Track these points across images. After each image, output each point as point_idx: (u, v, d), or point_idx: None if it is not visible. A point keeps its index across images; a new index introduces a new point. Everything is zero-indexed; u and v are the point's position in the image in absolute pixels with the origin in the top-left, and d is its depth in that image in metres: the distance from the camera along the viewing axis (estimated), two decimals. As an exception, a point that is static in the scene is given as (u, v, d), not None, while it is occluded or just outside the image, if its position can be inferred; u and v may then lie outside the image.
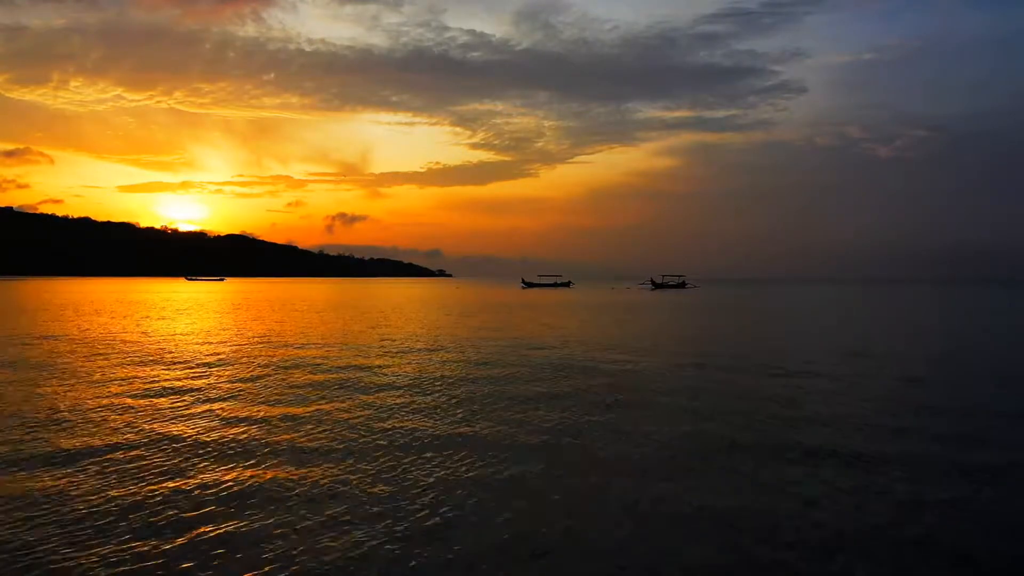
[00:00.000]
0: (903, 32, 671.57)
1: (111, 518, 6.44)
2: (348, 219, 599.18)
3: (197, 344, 21.79)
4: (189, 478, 7.70)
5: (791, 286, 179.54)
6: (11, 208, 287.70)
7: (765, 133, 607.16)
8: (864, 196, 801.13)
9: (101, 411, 11.19)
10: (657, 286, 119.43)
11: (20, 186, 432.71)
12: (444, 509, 6.81)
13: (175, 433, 9.81)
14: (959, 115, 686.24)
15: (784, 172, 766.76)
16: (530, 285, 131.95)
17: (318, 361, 17.94)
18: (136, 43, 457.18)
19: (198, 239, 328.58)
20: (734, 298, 79.30)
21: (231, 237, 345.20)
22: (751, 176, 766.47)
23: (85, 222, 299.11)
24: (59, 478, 7.61)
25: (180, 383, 14.11)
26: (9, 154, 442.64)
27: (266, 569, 5.42)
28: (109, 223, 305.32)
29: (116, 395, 12.64)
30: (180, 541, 5.94)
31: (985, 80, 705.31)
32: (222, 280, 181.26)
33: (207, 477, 7.76)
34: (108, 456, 8.53)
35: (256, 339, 23.66)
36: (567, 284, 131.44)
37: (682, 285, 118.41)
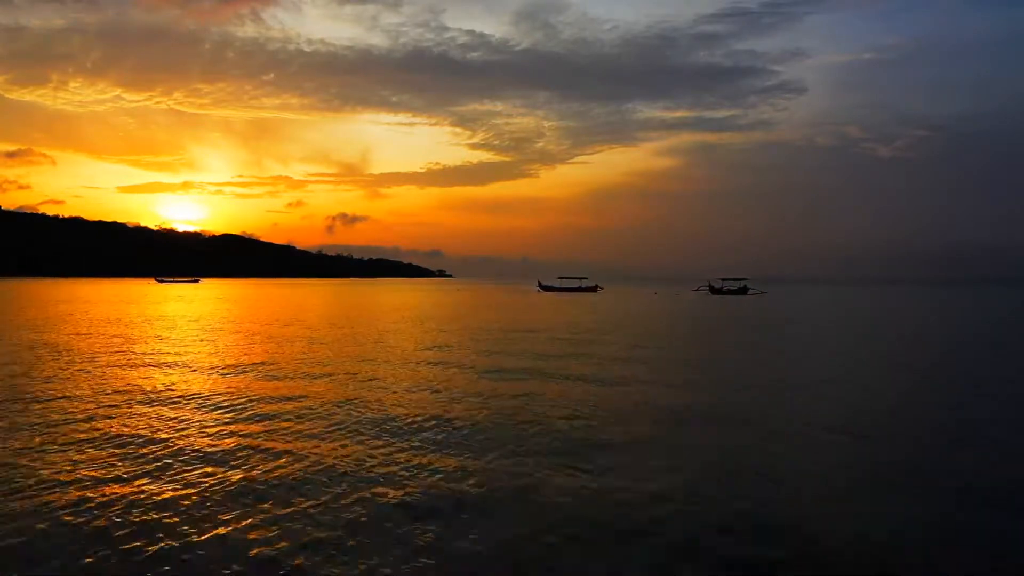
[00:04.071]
0: (903, 32, 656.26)
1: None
2: (349, 219, 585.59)
3: None
4: None
5: (808, 287, 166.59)
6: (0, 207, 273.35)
7: (765, 133, 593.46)
8: (864, 196, 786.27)
9: None
10: (715, 291, 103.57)
11: (21, 187, 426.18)
12: None
13: None
14: (959, 115, 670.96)
15: (784, 172, 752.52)
16: (547, 288, 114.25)
17: None
18: (136, 43, 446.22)
19: (192, 239, 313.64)
20: (821, 306, 62.29)
21: (226, 237, 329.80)
22: (751, 176, 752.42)
23: (76, 222, 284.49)
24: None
25: None
26: (11, 155, 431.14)
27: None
28: (100, 223, 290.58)
29: None
30: None
31: (985, 80, 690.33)
32: (196, 282, 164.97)
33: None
34: None
35: None
36: (594, 288, 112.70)
37: (744, 291, 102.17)
